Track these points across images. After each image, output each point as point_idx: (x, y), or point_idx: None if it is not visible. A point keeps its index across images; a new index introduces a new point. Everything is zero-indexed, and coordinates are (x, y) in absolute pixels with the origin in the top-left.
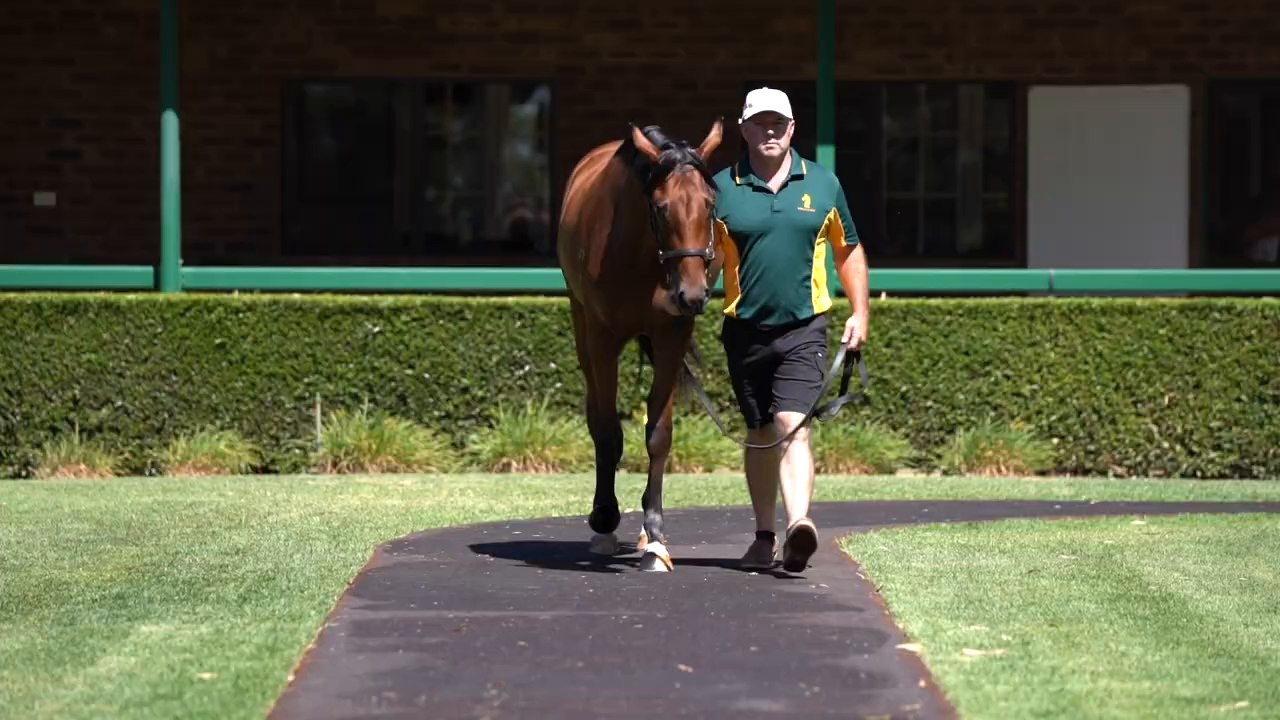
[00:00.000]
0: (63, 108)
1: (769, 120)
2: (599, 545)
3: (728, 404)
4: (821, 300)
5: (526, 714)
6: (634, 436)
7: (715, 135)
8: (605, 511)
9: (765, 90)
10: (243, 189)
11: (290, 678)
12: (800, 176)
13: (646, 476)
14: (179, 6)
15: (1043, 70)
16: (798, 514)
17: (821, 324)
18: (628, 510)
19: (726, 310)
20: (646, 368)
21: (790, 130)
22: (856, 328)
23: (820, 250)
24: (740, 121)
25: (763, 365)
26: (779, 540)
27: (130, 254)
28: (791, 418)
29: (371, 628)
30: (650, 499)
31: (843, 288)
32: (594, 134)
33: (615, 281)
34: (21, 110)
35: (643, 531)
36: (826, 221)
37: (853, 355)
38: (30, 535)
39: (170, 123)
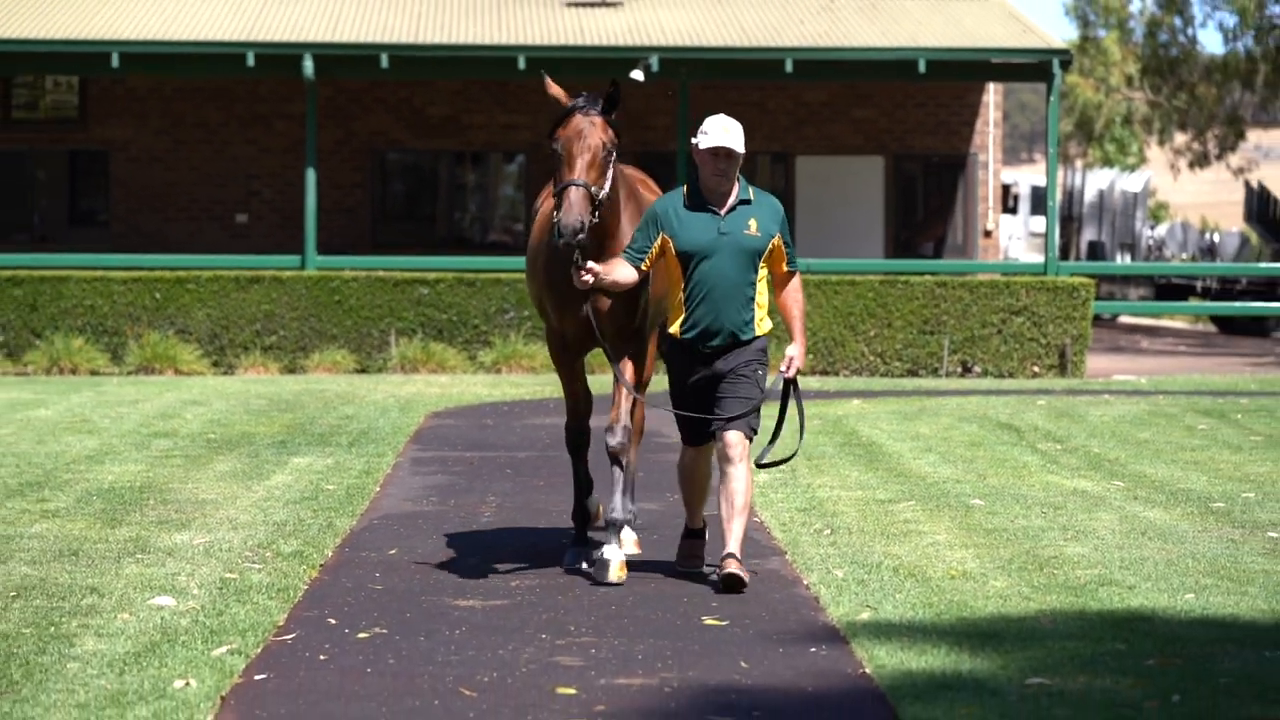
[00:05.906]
0: (252, 167)
1: (721, 154)
2: (575, 556)
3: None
4: (763, 322)
5: (511, 510)
6: None
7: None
8: (584, 526)
9: (721, 120)
10: (349, 212)
11: (377, 489)
12: (748, 201)
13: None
14: (318, 111)
15: (803, 148)
16: (731, 545)
17: (763, 344)
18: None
19: (670, 329)
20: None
21: (740, 161)
22: (795, 357)
23: (763, 274)
24: (694, 144)
25: (703, 386)
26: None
27: (288, 249)
28: (733, 437)
29: (422, 462)
30: (612, 501)
31: (780, 315)
32: None
33: (561, 284)
34: (230, 168)
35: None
36: (770, 247)
37: (790, 384)
38: (232, 407)
39: (310, 176)
